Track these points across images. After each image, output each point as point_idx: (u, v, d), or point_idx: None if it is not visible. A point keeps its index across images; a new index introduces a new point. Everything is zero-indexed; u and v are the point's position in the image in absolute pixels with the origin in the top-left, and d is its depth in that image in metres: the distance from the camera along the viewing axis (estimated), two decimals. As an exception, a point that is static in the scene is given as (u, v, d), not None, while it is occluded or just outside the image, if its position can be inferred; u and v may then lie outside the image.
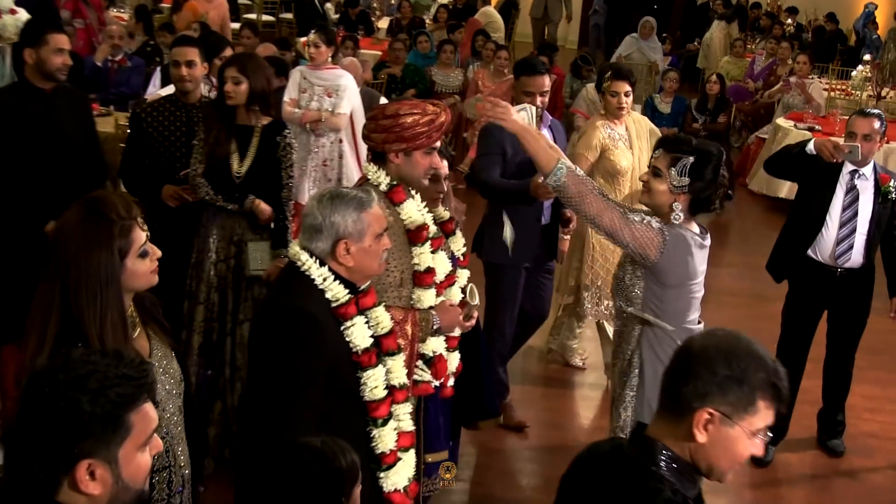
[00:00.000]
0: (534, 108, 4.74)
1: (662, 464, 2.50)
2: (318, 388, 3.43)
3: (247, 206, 5.50)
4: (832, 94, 14.00)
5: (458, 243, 4.75)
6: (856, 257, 6.02)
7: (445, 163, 4.72)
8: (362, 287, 3.66)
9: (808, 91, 12.76)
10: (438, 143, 4.22)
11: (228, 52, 7.19)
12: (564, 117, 11.90)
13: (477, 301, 4.56)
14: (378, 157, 4.23)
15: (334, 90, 7.95)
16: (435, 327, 4.13)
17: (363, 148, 8.02)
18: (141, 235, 3.09)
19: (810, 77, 13.18)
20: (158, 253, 3.18)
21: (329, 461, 2.86)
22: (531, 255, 6.09)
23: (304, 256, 3.53)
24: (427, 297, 4.17)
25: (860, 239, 5.99)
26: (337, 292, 3.52)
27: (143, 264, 3.10)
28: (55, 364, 2.22)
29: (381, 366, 3.63)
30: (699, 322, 4.41)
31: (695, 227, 4.30)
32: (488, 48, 12.48)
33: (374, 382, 3.59)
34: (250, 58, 5.68)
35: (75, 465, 2.17)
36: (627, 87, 6.42)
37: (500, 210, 6.04)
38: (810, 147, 5.94)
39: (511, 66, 12.65)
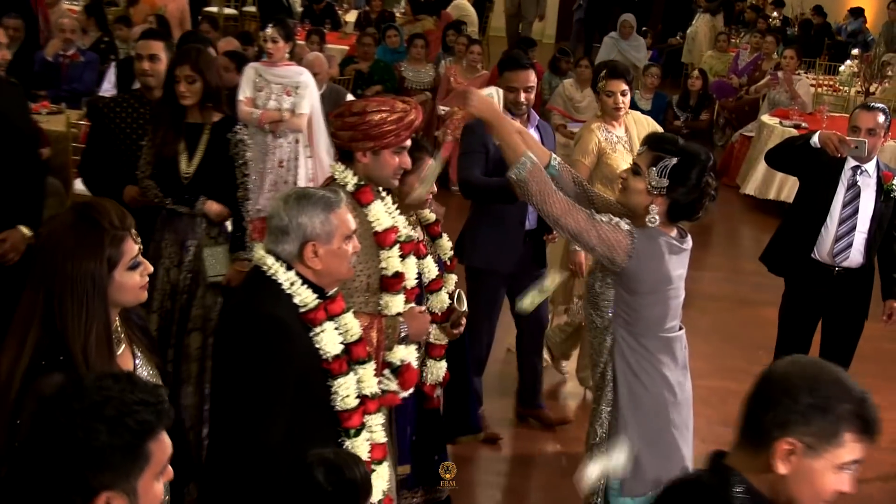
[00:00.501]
0: (501, 92, 4.72)
1: (738, 496, 2.45)
2: (288, 396, 3.42)
3: (198, 207, 5.47)
4: (819, 90, 14.09)
5: (445, 247, 4.79)
6: (854, 256, 6.02)
7: (432, 162, 4.69)
8: (330, 292, 3.66)
9: (794, 87, 12.81)
10: (408, 142, 4.21)
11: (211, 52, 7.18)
12: (541, 115, 11.92)
13: (465, 307, 4.59)
14: (345, 155, 4.22)
15: (293, 88, 7.91)
16: (402, 335, 4.12)
17: (319, 147, 8.03)
18: (133, 247, 3.07)
19: (797, 73, 13.23)
20: (150, 268, 3.16)
21: (343, 473, 2.91)
22: (513, 260, 6.06)
23: (270, 260, 3.53)
24: (395, 304, 4.16)
25: (860, 237, 5.99)
26: (305, 297, 3.52)
27: (132, 278, 3.07)
28: (67, 391, 2.20)
29: (352, 374, 3.63)
30: (680, 328, 4.38)
31: (672, 232, 4.24)
32: (460, 43, 12.49)
33: (346, 391, 3.59)
34: (200, 53, 5.61)
35: (94, 499, 2.16)
36: (624, 87, 6.36)
37: (483, 211, 6.04)
38: (815, 140, 5.93)
39: (484, 61, 12.70)
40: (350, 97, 8.86)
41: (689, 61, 17.30)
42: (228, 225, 5.63)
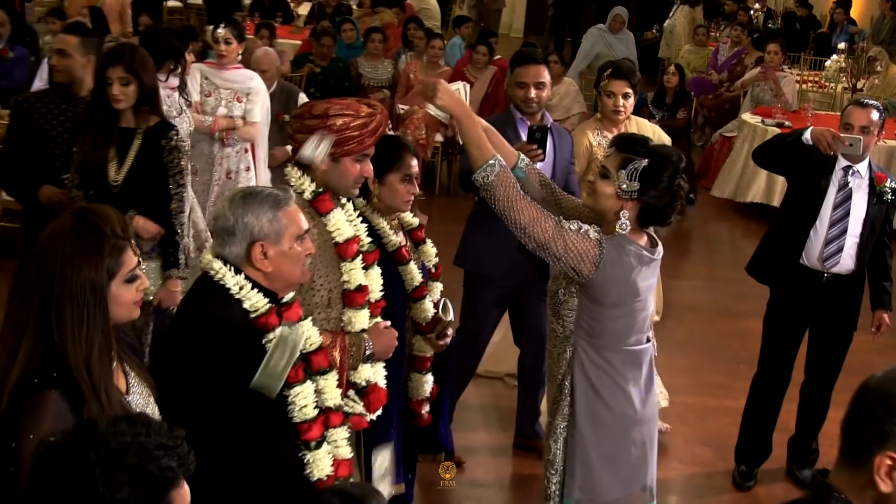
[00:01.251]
0: (468, 87, 4.72)
1: None
2: (241, 402, 3.41)
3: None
4: (804, 86, 14.16)
5: (430, 253, 4.79)
6: (845, 261, 6.02)
7: (415, 161, 4.68)
8: (285, 299, 3.65)
9: (779, 84, 12.86)
10: (372, 150, 4.16)
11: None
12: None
13: (451, 317, 4.57)
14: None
15: (244, 94, 7.85)
16: (367, 353, 4.08)
17: (259, 157, 8.02)
18: (132, 259, 3.04)
19: (782, 68, 13.30)
20: (146, 283, 3.14)
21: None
22: (505, 266, 5.99)
23: (217, 264, 3.52)
24: (359, 319, 4.13)
25: (851, 241, 6.00)
26: (255, 301, 3.51)
27: (128, 291, 3.04)
28: (78, 438, 2.16)
29: (309, 382, 3.61)
30: (647, 341, 4.39)
31: (643, 240, 4.25)
32: (419, 37, 12.50)
33: (303, 401, 3.58)
34: (135, 52, 5.52)
35: None
36: (627, 88, 6.25)
37: (479, 211, 6.02)
38: (807, 136, 5.92)
39: (445, 56, 12.71)
40: (303, 97, 8.83)
41: (667, 56, 17.39)
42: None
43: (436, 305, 4.66)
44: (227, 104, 7.75)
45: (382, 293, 4.31)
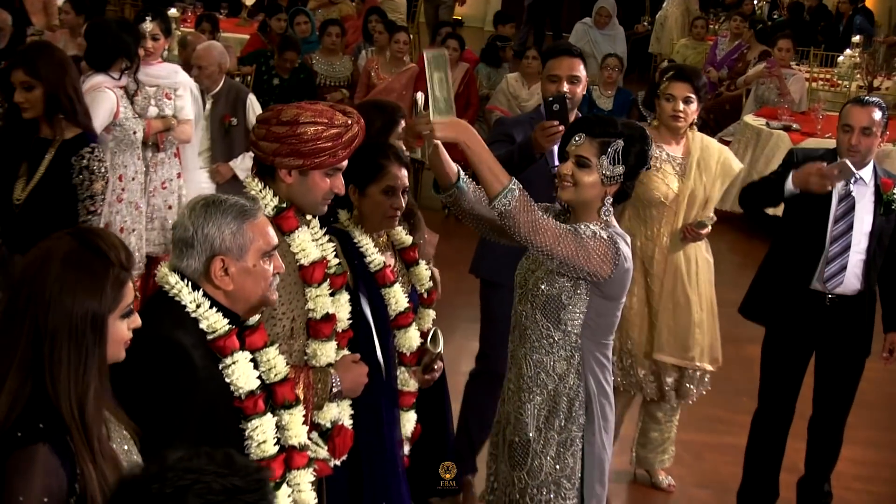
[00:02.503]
0: (422, 98, 4.70)
1: None
2: (191, 435, 3.34)
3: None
4: (814, 84, 14.21)
5: (423, 276, 4.81)
6: (850, 281, 6.02)
7: (405, 172, 4.67)
8: (249, 321, 3.64)
9: (783, 82, 12.89)
10: (344, 164, 4.13)
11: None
12: (479, 116, 11.98)
13: (440, 348, 4.57)
14: (265, 171, 4.13)
15: (172, 90, 7.86)
16: (334, 390, 4.08)
17: (190, 161, 8.05)
18: (131, 293, 2.99)
19: (790, 65, 13.34)
20: (138, 321, 3.08)
21: None
22: None
23: (174, 278, 3.50)
24: (325, 352, 4.12)
25: (855, 258, 6.00)
26: (213, 322, 3.48)
27: (121, 329, 2.98)
28: (148, 472, 2.18)
29: (269, 415, 3.59)
30: None
31: (612, 219, 4.48)
32: (380, 31, 12.51)
33: (262, 435, 3.55)
34: (41, 53, 5.48)
35: None
36: (689, 93, 6.24)
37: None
38: (790, 186, 5.96)
39: (413, 52, 12.71)
40: (253, 99, 8.81)
41: (658, 51, 17.47)
42: None
43: (423, 335, 4.66)
44: (158, 102, 7.73)
45: (351, 322, 4.31)
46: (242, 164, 8.54)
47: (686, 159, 6.32)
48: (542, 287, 4.45)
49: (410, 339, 4.66)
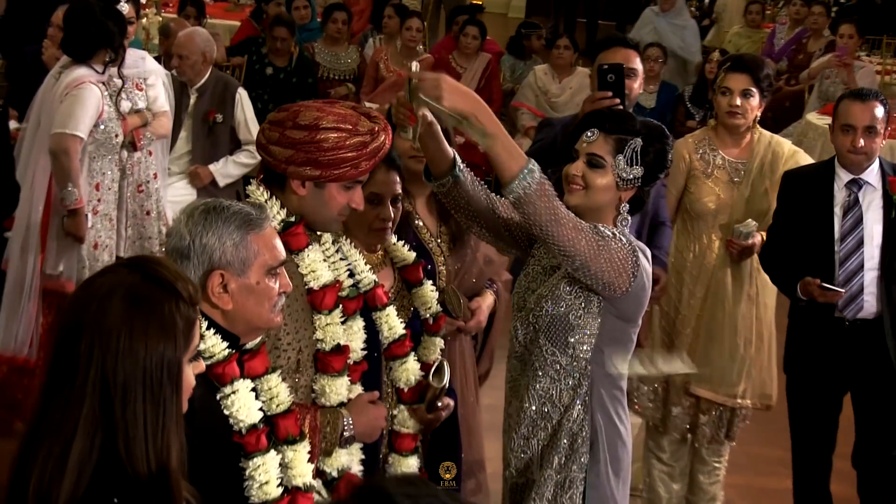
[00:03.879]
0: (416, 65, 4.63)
1: None
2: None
3: None
4: (886, 78, 14.15)
5: (429, 298, 4.70)
6: (869, 304, 5.96)
7: (395, 177, 4.65)
8: (249, 344, 3.63)
9: (852, 74, 12.85)
10: (366, 177, 4.14)
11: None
12: (502, 113, 11.96)
13: (445, 382, 4.47)
14: (274, 179, 4.11)
15: (141, 80, 7.83)
16: (346, 434, 4.07)
17: (161, 158, 8.01)
18: (198, 333, 2.92)
19: (858, 55, 13.31)
20: (202, 366, 3.06)
21: None
22: None
23: None
24: (335, 389, 4.09)
25: (871, 276, 5.93)
26: (211, 345, 3.48)
27: (190, 376, 2.91)
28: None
29: (273, 452, 3.59)
30: None
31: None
32: (389, 14, 12.55)
33: (264, 475, 3.55)
34: None
35: None
36: (749, 85, 6.23)
37: None
38: (801, 297, 5.97)
39: (425, 39, 12.71)
40: (243, 93, 8.82)
41: (711, 42, 17.37)
42: None
43: (425, 368, 4.54)
44: (129, 95, 7.69)
45: (365, 352, 4.28)
46: (224, 170, 8.59)
47: (746, 163, 6.29)
48: (546, 307, 4.40)
49: (408, 371, 4.53)
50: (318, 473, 4.04)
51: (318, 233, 4.16)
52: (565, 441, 4.37)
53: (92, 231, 7.24)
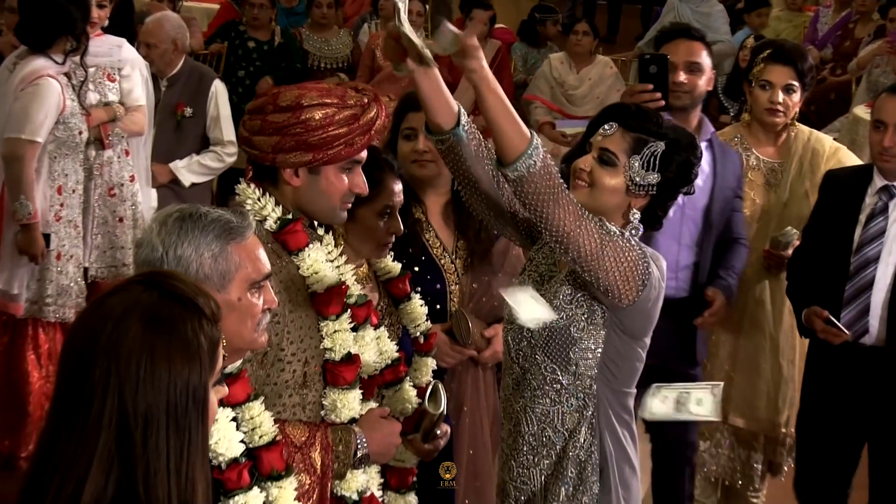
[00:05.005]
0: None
1: None
2: None
3: None
4: (944, 67, 14.17)
5: (418, 314, 4.69)
6: (874, 327, 5.76)
7: (399, 186, 4.63)
8: (229, 368, 3.62)
9: (905, 64, 12.89)
10: (364, 154, 4.11)
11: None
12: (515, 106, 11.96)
13: (443, 408, 4.46)
14: (264, 173, 4.11)
15: (115, 70, 7.81)
16: (360, 453, 4.05)
17: (140, 164, 7.98)
18: (221, 354, 2.87)
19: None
20: (225, 391, 3.08)
21: None
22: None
23: None
24: (347, 404, 4.07)
25: (879, 296, 5.74)
26: None
27: (214, 402, 2.87)
28: None
29: (256, 489, 3.60)
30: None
31: None
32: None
33: None
34: None
35: None
36: (791, 79, 6.19)
37: None
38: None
39: (426, 24, 12.69)
40: (220, 85, 8.80)
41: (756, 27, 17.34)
42: None
43: (421, 393, 4.52)
44: (98, 86, 7.67)
45: (379, 366, 4.30)
46: (189, 168, 8.56)
47: (783, 163, 6.27)
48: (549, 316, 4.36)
49: (404, 398, 4.50)
50: (337, 500, 4.07)
51: (320, 231, 4.16)
52: (572, 470, 4.35)
53: (55, 239, 7.21)
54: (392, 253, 4.77)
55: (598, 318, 4.27)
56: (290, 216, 4.03)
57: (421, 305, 4.70)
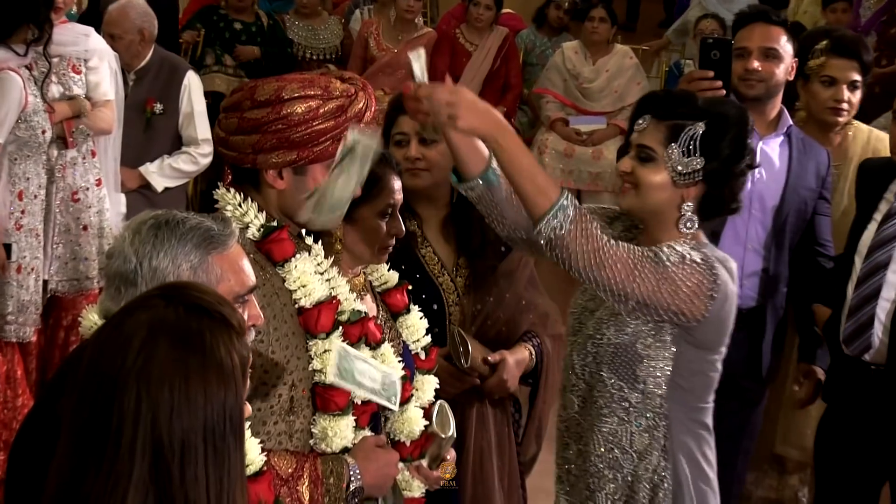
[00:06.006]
0: (422, 55, 4.56)
1: None
2: None
3: None
4: None
5: (417, 328, 4.69)
6: (876, 342, 5.67)
7: (399, 184, 4.60)
8: None
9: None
10: None
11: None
12: (522, 102, 11.97)
13: (452, 432, 4.48)
14: (244, 176, 4.13)
15: (81, 61, 7.80)
16: (353, 486, 4.05)
17: (108, 167, 7.98)
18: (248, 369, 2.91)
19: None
20: (250, 410, 3.11)
21: None
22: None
23: None
24: (338, 432, 4.07)
25: (885, 306, 5.64)
26: None
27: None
28: None
29: None
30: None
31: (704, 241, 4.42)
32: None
33: None
34: None
35: None
36: (856, 74, 6.24)
37: None
38: None
39: (427, 7, 12.67)
40: (193, 76, 8.80)
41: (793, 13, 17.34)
42: None
43: (427, 414, 4.53)
44: (62, 78, 7.67)
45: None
46: (161, 172, 8.55)
47: (840, 166, 6.28)
48: (608, 333, 4.42)
49: (411, 421, 4.49)
50: None
51: (308, 240, 4.15)
52: (645, 496, 4.40)
53: (16, 250, 7.22)
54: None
55: (667, 334, 4.31)
56: (274, 223, 4.03)
57: (420, 318, 4.69)
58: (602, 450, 4.47)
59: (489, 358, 5.15)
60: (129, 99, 8.48)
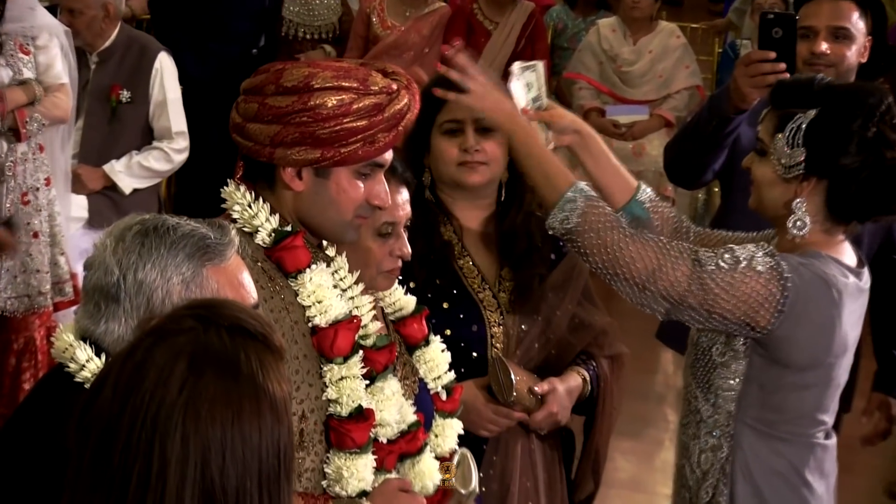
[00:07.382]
0: (541, 66, 4.67)
1: None
2: None
3: None
4: None
5: (438, 364, 4.63)
6: None
7: (406, 194, 4.56)
8: None
9: None
10: (389, 155, 4.12)
11: None
12: (553, 91, 11.91)
13: (474, 486, 4.49)
14: (257, 172, 4.13)
15: (28, 39, 7.81)
16: None
17: (56, 159, 7.95)
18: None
19: None
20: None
21: None
22: None
23: (82, 353, 3.43)
24: (355, 472, 4.04)
25: None
26: None
27: None
28: None
29: None
30: (831, 436, 4.52)
31: (841, 249, 4.38)
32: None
33: None
34: None
35: None
36: None
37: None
38: None
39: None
40: (166, 58, 8.76)
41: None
42: None
43: (445, 463, 4.52)
44: (11, 60, 7.66)
45: (402, 426, 4.27)
46: (128, 171, 8.51)
47: None
48: (693, 334, 4.53)
49: (423, 472, 4.44)
50: None
51: (330, 251, 4.18)
52: None
53: None
54: (410, 284, 4.72)
55: (738, 343, 4.34)
56: (288, 228, 4.01)
57: (442, 351, 4.63)
58: (679, 461, 4.60)
59: (536, 388, 5.10)
60: (91, 85, 8.55)
